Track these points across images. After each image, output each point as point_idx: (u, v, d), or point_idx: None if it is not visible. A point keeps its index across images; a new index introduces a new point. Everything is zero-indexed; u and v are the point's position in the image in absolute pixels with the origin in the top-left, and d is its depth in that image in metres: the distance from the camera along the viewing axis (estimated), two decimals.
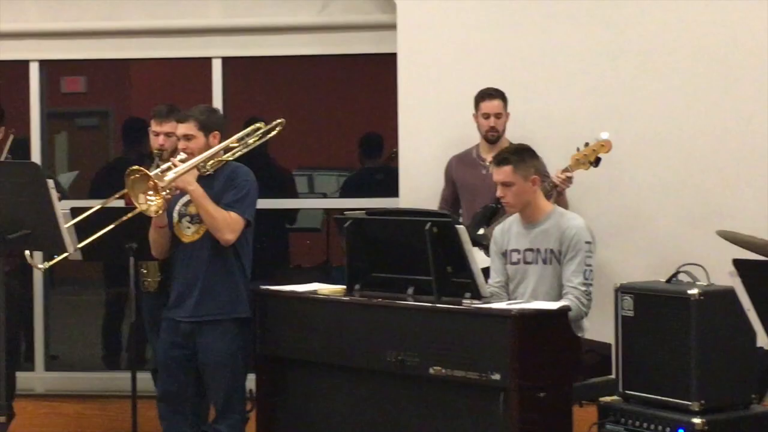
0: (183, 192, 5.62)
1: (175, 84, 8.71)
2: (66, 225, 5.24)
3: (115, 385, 7.43)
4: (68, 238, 5.18)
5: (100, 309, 8.59)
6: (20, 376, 6.85)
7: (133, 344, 6.52)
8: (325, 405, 5.59)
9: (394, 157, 7.60)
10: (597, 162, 6.06)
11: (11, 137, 6.62)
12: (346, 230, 5.49)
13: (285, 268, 8.12)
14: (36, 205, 5.08)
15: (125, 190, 5.50)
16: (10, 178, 5.15)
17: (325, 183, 8.74)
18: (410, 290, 5.32)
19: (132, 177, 5.37)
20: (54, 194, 5.05)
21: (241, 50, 7.42)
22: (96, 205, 5.76)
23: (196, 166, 5.60)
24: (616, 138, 6.08)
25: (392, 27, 7.00)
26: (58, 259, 5.64)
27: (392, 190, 7.18)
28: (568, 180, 6.04)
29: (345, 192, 8.09)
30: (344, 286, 5.58)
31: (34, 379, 7.46)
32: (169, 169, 5.59)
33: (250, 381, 6.11)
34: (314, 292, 5.70)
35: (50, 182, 5.06)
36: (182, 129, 5.69)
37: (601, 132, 6.07)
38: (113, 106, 10.38)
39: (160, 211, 5.44)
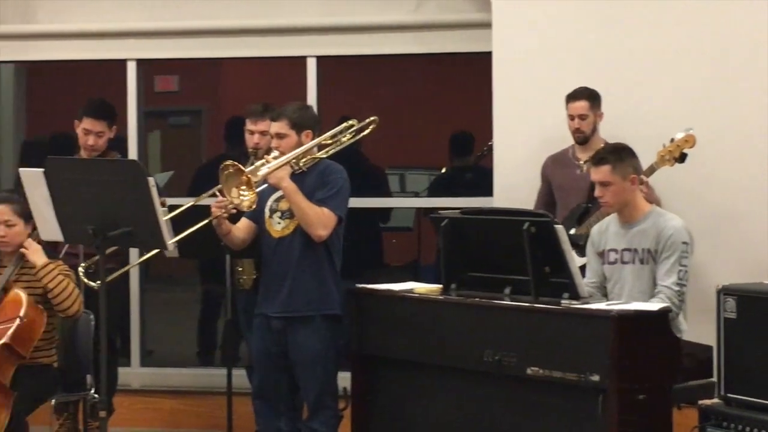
0: (274, 188, 5.64)
1: (267, 83, 8.77)
2: (165, 218, 5.27)
3: (209, 381, 7.49)
4: (168, 236, 5.22)
5: (193, 306, 8.68)
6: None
7: (228, 341, 6.57)
8: (420, 404, 5.58)
9: (484, 156, 7.59)
10: (682, 158, 5.98)
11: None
12: (443, 229, 5.48)
13: (377, 266, 8.12)
14: (137, 203, 5.12)
15: (219, 187, 5.54)
16: (112, 176, 5.21)
17: (416, 182, 8.73)
18: (507, 290, 5.30)
19: (226, 172, 5.41)
20: (155, 192, 5.10)
21: (335, 49, 7.44)
22: (191, 202, 5.81)
23: (289, 163, 5.62)
24: (706, 136, 6.01)
25: (487, 26, 6.97)
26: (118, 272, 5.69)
27: (481, 190, 7.18)
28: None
29: (433, 191, 8.08)
30: (440, 285, 5.56)
31: (130, 374, 7.53)
32: (263, 165, 5.62)
33: (346, 379, 6.14)
34: (410, 291, 5.70)
35: (151, 180, 5.10)
36: (275, 128, 5.72)
37: (686, 127, 6.00)
38: (205, 104, 10.49)
39: (253, 206, 5.45)
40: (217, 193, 5.55)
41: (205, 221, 5.63)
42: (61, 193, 5.29)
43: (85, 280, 5.47)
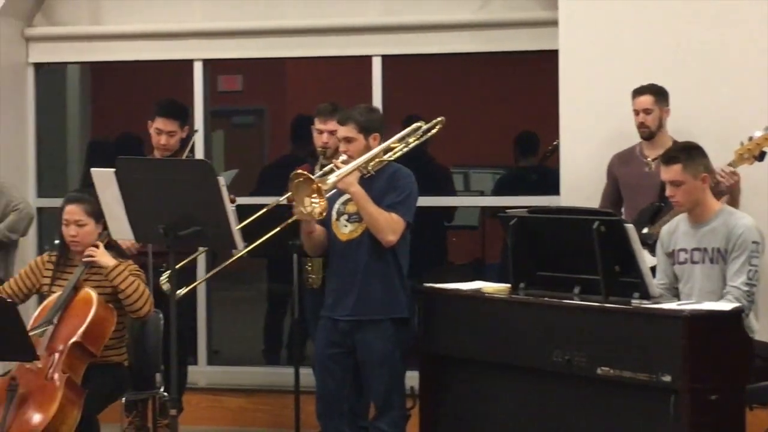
0: (342, 191, 5.65)
1: (331, 82, 8.77)
2: (236, 224, 5.31)
3: (275, 380, 7.53)
4: (238, 236, 5.25)
5: (256, 304, 8.71)
6: None
7: (296, 340, 6.59)
8: (488, 404, 5.57)
9: (549, 156, 7.56)
10: (762, 156, 5.91)
11: (194, 135, 6.80)
12: (512, 228, 5.47)
13: (441, 265, 8.11)
14: (207, 202, 5.16)
15: (289, 194, 5.55)
16: (182, 176, 5.25)
17: (481, 181, 8.70)
18: (577, 289, 5.26)
19: (296, 181, 5.41)
20: (225, 191, 5.13)
21: (400, 48, 7.44)
22: (262, 202, 5.84)
23: (357, 168, 5.61)
24: None
25: (553, 24, 6.94)
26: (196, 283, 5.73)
27: (546, 189, 7.16)
28: (733, 175, 5.90)
29: (498, 190, 8.05)
30: (508, 285, 5.55)
31: (197, 373, 7.56)
32: (331, 171, 5.62)
33: (413, 378, 6.14)
34: (478, 290, 5.69)
35: (221, 180, 5.14)
36: (342, 131, 5.71)
37: (766, 126, 5.93)
38: (269, 104, 10.51)
39: (324, 214, 5.46)
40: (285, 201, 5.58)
41: (279, 228, 5.64)
42: (132, 192, 5.34)
43: (166, 286, 5.51)
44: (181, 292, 5.64)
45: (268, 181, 7.83)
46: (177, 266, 5.34)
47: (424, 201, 6.91)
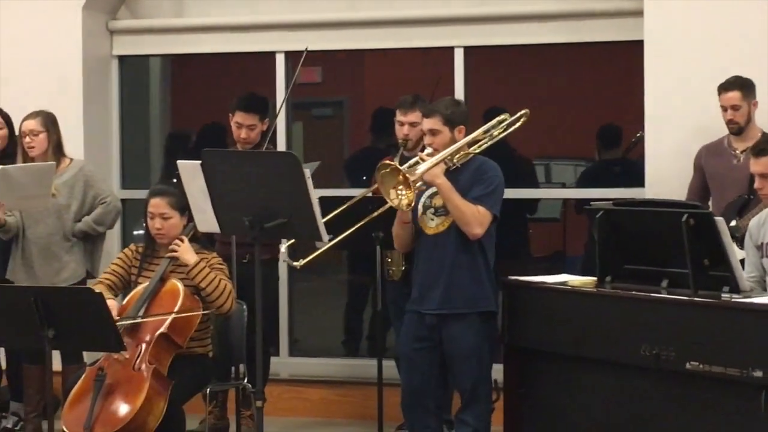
0: (428, 184, 5.62)
1: (410, 74, 8.74)
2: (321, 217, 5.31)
3: (356, 371, 7.55)
4: (323, 228, 5.25)
5: (334, 295, 8.72)
6: None
7: (378, 332, 6.59)
8: (574, 398, 5.52)
9: (632, 148, 7.48)
10: None
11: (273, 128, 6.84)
12: (598, 221, 5.42)
13: (523, 257, 8.07)
14: (293, 194, 5.16)
15: (375, 186, 5.54)
16: (268, 168, 5.25)
17: (562, 172, 8.63)
18: (664, 283, 5.22)
19: (382, 172, 5.39)
20: (311, 184, 5.13)
21: (483, 39, 7.40)
22: (343, 194, 5.84)
23: (443, 160, 5.59)
24: None
25: (637, 14, 6.86)
26: (315, 254, 5.73)
27: (629, 182, 7.10)
28: None
29: (582, 183, 7.98)
30: (594, 278, 5.50)
31: (279, 364, 7.58)
32: (417, 163, 5.60)
33: (497, 371, 6.11)
34: (564, 283, 5.65)
35: (307, 172, 5.14)
36: (428, 124, 5.68)
37: None
38: (348, 96, 10.51)
39: (411, 205, 5.45)
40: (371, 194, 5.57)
41: (365, 220, 5.64)
42: (218, 184, 5.36)
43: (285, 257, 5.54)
44: (301, 262, 5.62)
45: (348, 173, 7.83)
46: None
47: (506, 193, 6.92)
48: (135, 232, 8.11)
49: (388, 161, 5.46)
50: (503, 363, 5.84)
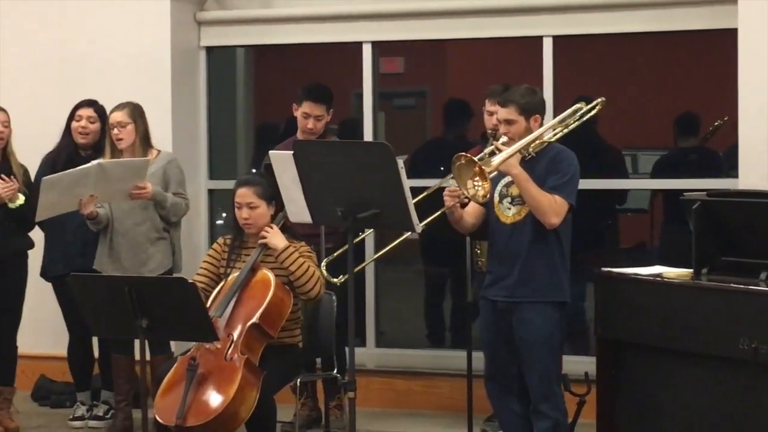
0: (504, 173, 5.57)
1: (492, 64, 8.70)
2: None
3: (442, 362, 7.52)
4: (416, 218, 5.22)
5: (412, 286, 8.70)
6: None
7: (468, 323, 6.56)
8: (668, 391, 5.44)
9: (709, 137, 7.38)
10: None
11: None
12: (695, 212, 5.34)
13: (613, 248, 8.00)
14: (386, 184, 5.14)
15: (450, 176, 5.50)
16: (361, 159, 5.24)
17: (650, 163, 8.53)
18: (763, 275, 5.13)
19: (458, 163, 5.36)
20: (404, 174, 5.11)
21: (572, 29, 7.32)
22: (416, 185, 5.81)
23: (519, 150, 5.54)
24: None
25: (730, 1, 6.75)
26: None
27: (707, 172, 7.06)
28: None
29: (656, 172, 7.88)
30: (690, 270, 5.42)
31: (365, 354, 7.58)
32: (492, 153, 5.56)
33: (586, 363, 6.07)
34: (659, 275, 5.57)
35: (400, 162, 5.12)
36: (503, 113, 5.63)
37: None
38: (430, 86, 10.49)
39: (488, 196, 5.41)
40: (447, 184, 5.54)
41: (441, 210, 5.61)
42: (311, 175, 5.36)
43: (325, 274, 5.53)
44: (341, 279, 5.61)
45: (418, 163, 7.79)
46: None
47: (594, 184, 6.87)
48: (217, 222, 8.16)
49: (462, 153, 5.40)
50: (596, 355, 5.78)
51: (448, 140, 8.29)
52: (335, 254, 5.69)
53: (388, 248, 6.10)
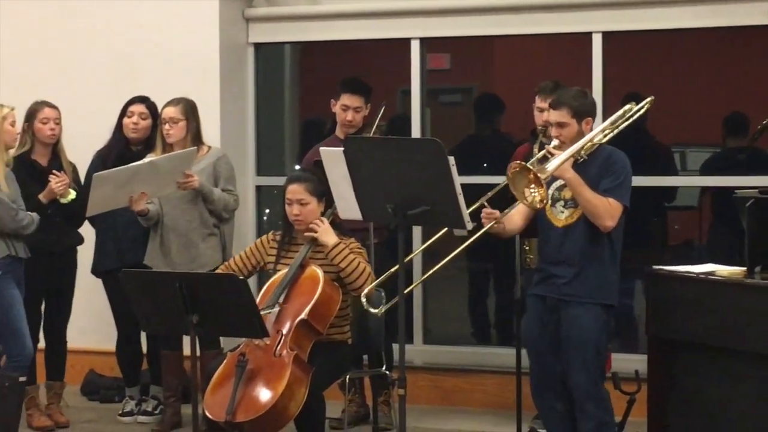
0: (555, 177, 5.54)
1: (540, 60, 8.66)
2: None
3: (489, 359, 7.51)
4: (467, 216, 5.20)
5: (463, 283, 8.67)
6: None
7: (516, 319, 6.54)
8: (721, 390, 5.41)
9: (758, 137, 7.31)
10: None
11: (381, 111, 6.81)
12: (748, 210, 5.29)
13: (662, 245, 7.94)
14: (436, 181, 5.12)
15: (505, 182, 5.47)
16: (411, 155, 5.22)
17: (698, 160, 8.47)
18: None
19: (512, 172, 5.33)
20: (455, 171, 5.09)
21: (622, 24, 7.28)
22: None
23: (573, 154, 5.50)
24: None
25: None
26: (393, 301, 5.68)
27: (757, 171, 7.03)
28: None
29: (705, 171, 7.82)
30: (742, 268, 5.37)
31: (412, 351, 7.57)
32: (545, 157, 5.53)
33: (637, 362, 6.04)
34: (711, 273, 5.53)
35: (451, 159, 5.10)
36: (555, 116, 5.59)
37: None
38: (476, 83, 10.45)
39: (545, 201, 5.38)
40: (485, 204, 5.51)
41: (482, 231, 5.58)
42: (361, 171, 5.35)
43: (364, 302, 5.55)
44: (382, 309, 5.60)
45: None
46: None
47: (643, 181, 6.82)
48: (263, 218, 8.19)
49: (517, 162, 5.37)
50: (647, 353, 5.75)
51: (483, 136, 8.29)
52: (382, 278, 5.69)
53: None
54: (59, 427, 7.05)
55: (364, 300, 5.58)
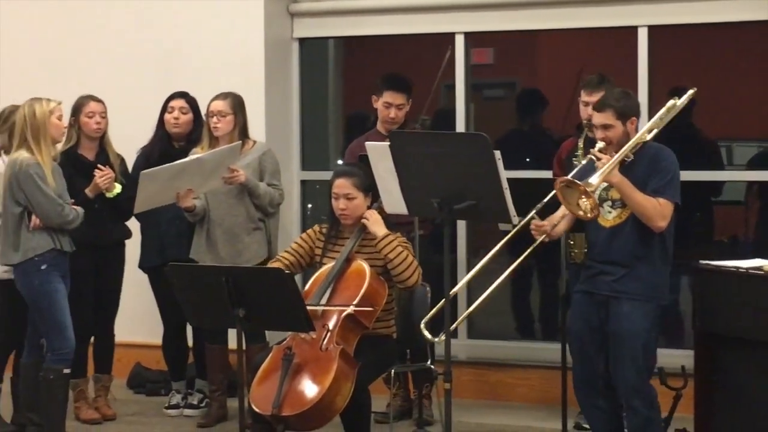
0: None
1: (584, 54, 8.62)
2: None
3: (534, 354, 7.50)
4: (513, 210, 5.20)
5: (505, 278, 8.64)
6: None
7: (562, 314, 6.53)
8: (767, 385, 5.37)
9: None
10: None
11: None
12: None
13: (708, 240, 7.90)
14: (483, 176, 5.13)
15: (554, 192, 5.47)
16: (457, 150, 5.23)
17: (745, 154, 8.41)
18: None
19: (560, 186, 5.33)
20: (501, 166, 5.09)
21: (667, 18, 7.24)
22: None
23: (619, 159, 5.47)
24: None
25: None
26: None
27: None
28: None
29: (751, 165, 7.77)
30: None
31: (457, 345, 7.55)
32: (591, 162, 5.52)
33: (682, 357, 6.00)
34: (759, 268, 5.49)
35: (497, 153, 5.10)
36: (600, 119, 5.56)
37: None
38: (520, 77, 10.43)
39: (597, 209, 5.35)
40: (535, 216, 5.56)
41: (532, 247, 5.58)
42: (406, 166, 5.37)
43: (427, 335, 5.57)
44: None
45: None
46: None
47: (689, 176, 6.77)
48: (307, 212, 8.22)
49: (564, 179, 5.36)
50: (694, 349, 5.72)
51: (524, 131, 8.28)
52: (432, 312, 5.73)
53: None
54: (106, 419, 7.12)
55: (425, 332, 5.59)
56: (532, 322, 8.33)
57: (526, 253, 5.67)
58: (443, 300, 5.38)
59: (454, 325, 5.49)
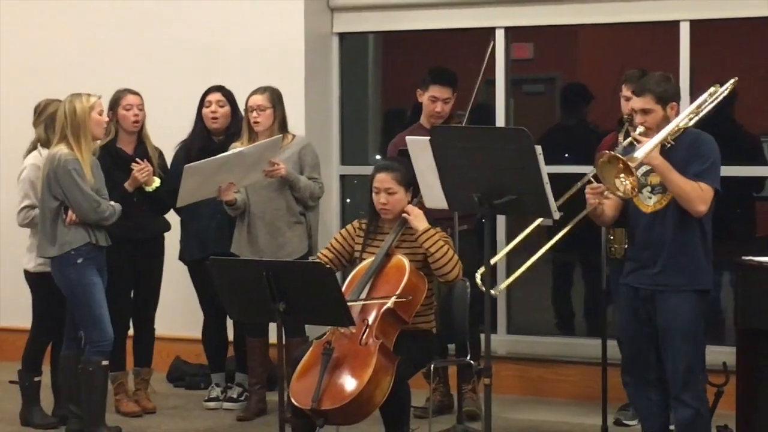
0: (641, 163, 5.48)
1: (625, 49, 8.59)
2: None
3: (574, 350, 7.48)
4: (554, 206, 5.18)
5: (545, 274, 8.63)
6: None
7: (602, 310, 6.50)
8: None
9: None
10: None
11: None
12: None
13: (750, 237, 7.84)
14: (524, 170, 5.10)
15: (593, 172, 5.42)
16: (498, 144, 5.21)
17: None
18: None
19: (601, 161, 5.28)
20: (542, 161, 5.07)
21: (709, 12, 7.19)
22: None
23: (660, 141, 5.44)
24: None
25: None
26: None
27: None
28: None
29: None
30: None
31: (496, 341, 7.55)
32: (631, 144, 5.48)
33: (723, 353, 5.96)
34: None
35: (538, 148, 5.08)
36: (639, 103, 5.52)
37: None
38: (560, 72, 10.39)
39: (636, 190, 5.32)
40: (591, 179, 5.48)
41: (585, 212, 5.55)
42: (447, 160, 5.34)
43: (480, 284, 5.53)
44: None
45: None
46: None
47: (731, 171, 6.72)
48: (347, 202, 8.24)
49: (605, 152, 5.33)
50: (736, 346, 5.68)
51: (569, 126, 8.24)
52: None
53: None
54: (146, 412, 7.15)
55: (479, 280, 5.54)
56: (573, 318, 8.30)
57: (579, 217, 5.59)
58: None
59: (505, 284, 5.50)
